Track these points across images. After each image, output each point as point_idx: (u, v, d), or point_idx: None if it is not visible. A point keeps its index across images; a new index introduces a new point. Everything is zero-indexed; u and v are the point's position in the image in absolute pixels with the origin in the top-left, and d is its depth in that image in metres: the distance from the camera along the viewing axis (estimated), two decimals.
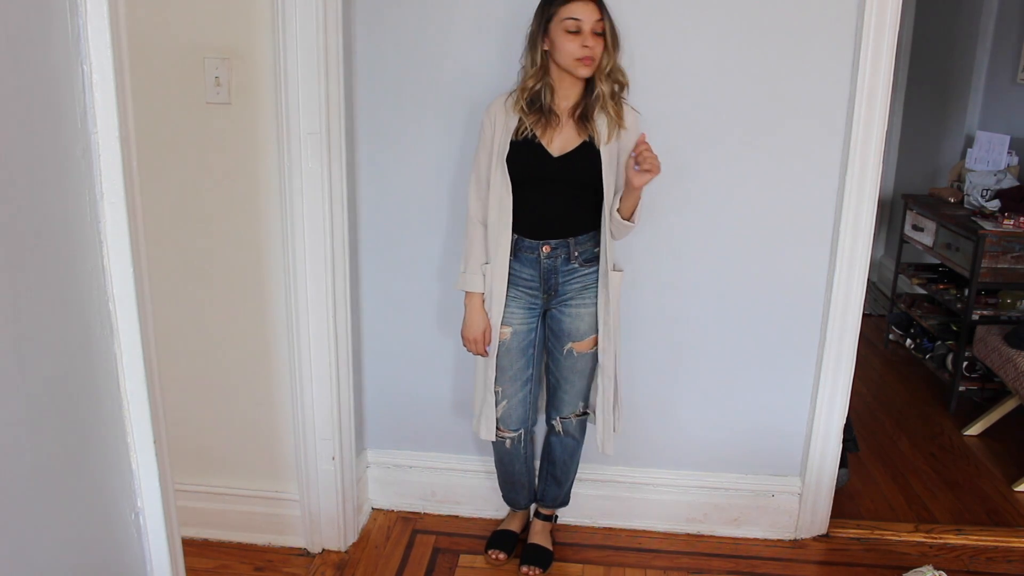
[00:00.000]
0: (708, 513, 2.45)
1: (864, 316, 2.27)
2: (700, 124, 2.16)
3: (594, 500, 2.46)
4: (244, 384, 2.26)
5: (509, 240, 2.03)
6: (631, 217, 1.98)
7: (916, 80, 4.78)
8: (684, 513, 2.45)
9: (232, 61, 2.00)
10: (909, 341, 3.84)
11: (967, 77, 4.10)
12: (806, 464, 2.38)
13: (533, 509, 2.41)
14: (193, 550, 2.29)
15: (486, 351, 2.10)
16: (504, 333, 2.10)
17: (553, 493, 2.33)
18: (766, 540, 2.44)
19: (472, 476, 2.49)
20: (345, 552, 2.34)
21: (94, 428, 1.22)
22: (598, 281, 2.08)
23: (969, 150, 3.79)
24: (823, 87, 2.10)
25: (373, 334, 2.42)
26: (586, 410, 2.22)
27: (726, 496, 2.43)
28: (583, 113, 1.97)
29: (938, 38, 4.52)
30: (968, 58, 4.10)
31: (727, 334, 2.32)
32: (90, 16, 1.11)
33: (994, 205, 3.35)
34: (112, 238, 1.20)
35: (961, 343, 3.27)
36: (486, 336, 2.09)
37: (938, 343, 3.60)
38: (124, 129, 1.17)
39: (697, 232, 2.24)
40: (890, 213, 4.90)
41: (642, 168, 1.89)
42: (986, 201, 3.39)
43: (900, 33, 2.06)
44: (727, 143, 2.17)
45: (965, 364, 3.29)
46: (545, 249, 2.04)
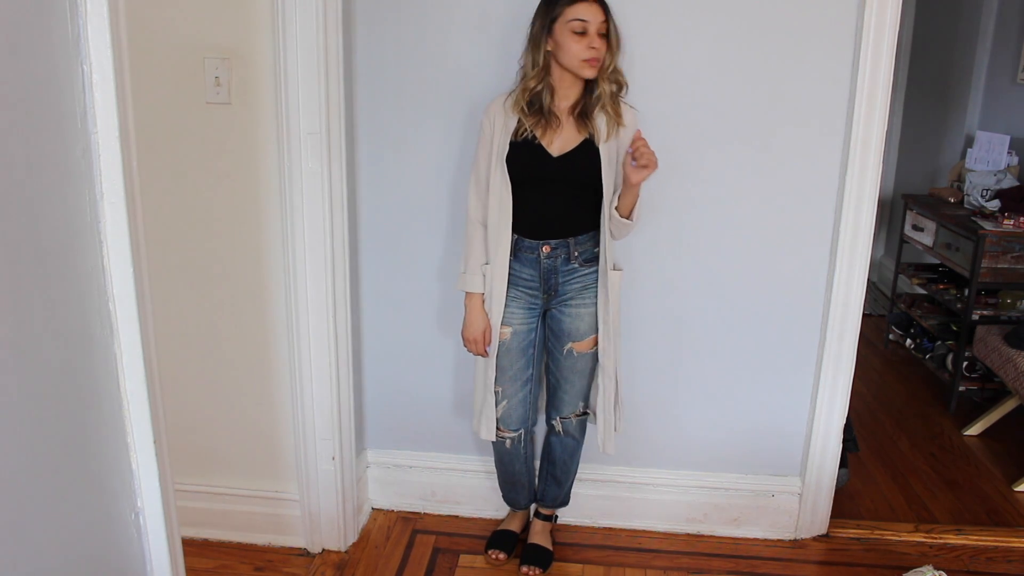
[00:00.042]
0: (708, 513, 2.45)
1: (864, 316, 2.27)
2: (700, 124, 2.16)
3: (594, 500, 2.46)
4: (244, 384, 2.26)
5: (509, 240, 2.03)
6: (630, 215, 1.98)
7: (916, 80, 4.77)
8: (684, 513, 2.45)
9: (232, 61, 2.00)
10: (909, 341, 3.84)
11: (967, 77, 4.10)
12: (806, 464, 2.38)
13: (533, 509, 2.41)
14: (193, 550, 2.29)
15: (486, 351, 2.10)
16: (504, 333, 2.10)
17: (553, 493, 2.33)
18: (766, 540, 2.44)
19: (472, 476, 2.50)
20: (345, 552, 2.34)
21: (94, 428, 1.22)
22: (598, 281, 2.08)
23: (969, 150, 3.79)
24: (823, 87, 2.10)
25: (373, 334, 2.42)
26: (586, 410, 2.23)
27: (726, 496, 2.43)
28: (582, 111, 1.97)
29: (938, 38, 4.52)
30: (968, 58, 4.10)
31: (727, 334, 2.32)
32: (90, 16, 1.11)
33: (994, 205, 3.35)
34: (112, 238, 1.20)
35: (961, 343, 3.27)
36: (486, 336, 2.09)
37: (938, 343, 3.60)
38: (124, 129, 1.17)
39: (697, 232, 2.24)
40: (890, 213, 4.90)
41: (639, 164, 1.89)
42: (986, 201, 3.39)
43: (900, 33, 2.06)
44: (727, 143, 2.17)
45: (965, 364, 3.29)
46: (545, 249, 2.04)
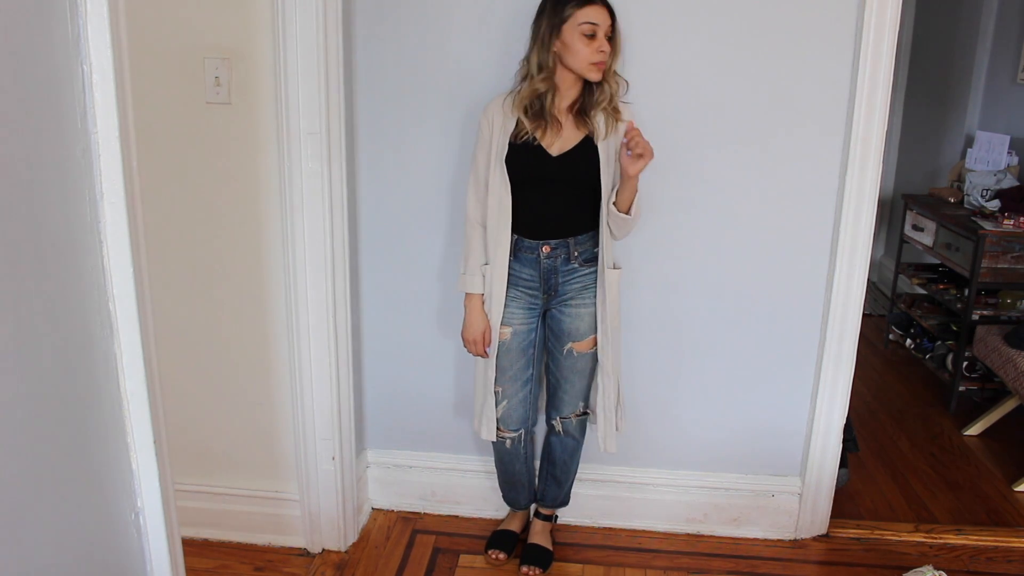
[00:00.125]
0: (708, 513, 2.45)
1: (864, 316, 2.27)
2: (700, 124, 2.16)
3: (594, 500, 2.46)
4: (244, 384, 2.26)
5: (509, 240, 2.03)
6: (628, 210, 1.98)
7: (916, 80, 4.77)
8: (684, 513, 2.45)
9: (232, 61, 2.00)
10: (909, 341, 3.84)
11: (967, 77, 4.10)
12: (806, 464, 2.38)
13: (533, 509, 2.41)
14: (193, 550, 2.29)
15: (486, 352, 2.10)
16: (504, 333, 2.10)
17: (553, 493, 2.33)
18: (766, 540, 2.44)
19: (472, 476, 2.50)
20: (345, 552, 2.34)
21: (94, 428, 1.22)
22: (597, 280, 2.08)
23: (969, 150, 3.79)
24: (823, 87, 2.10)
25: (373, 334, 2.42)
26: (586, 410, 2.23)
27: (726, 496, 2.43)
28: (580, 109, 1.97)
29: (938, 38, 4.52)
30: (968, 58, 4.10)
31: (727, 334, 2.32)
32: (90, 16, 1.11)
33: (994, 205, 3.35)
34: (112, 238, 1.20)
35: (961, 343, 3.27)
36: (486, 337, 2.09)
37: (938, 343, 3.60)
38: (124, 129, 1.17)
39: (697, 232, 2.24)
40: (890, 213, 4.90)
41: (634, 153, 1.89)
42: (986, 201, 3.39)
43: (900, 33, 2.06)
44: (727, 143, 2.17)
45: (965, 364, 3.29)
46: (545, 249, 2.04)
